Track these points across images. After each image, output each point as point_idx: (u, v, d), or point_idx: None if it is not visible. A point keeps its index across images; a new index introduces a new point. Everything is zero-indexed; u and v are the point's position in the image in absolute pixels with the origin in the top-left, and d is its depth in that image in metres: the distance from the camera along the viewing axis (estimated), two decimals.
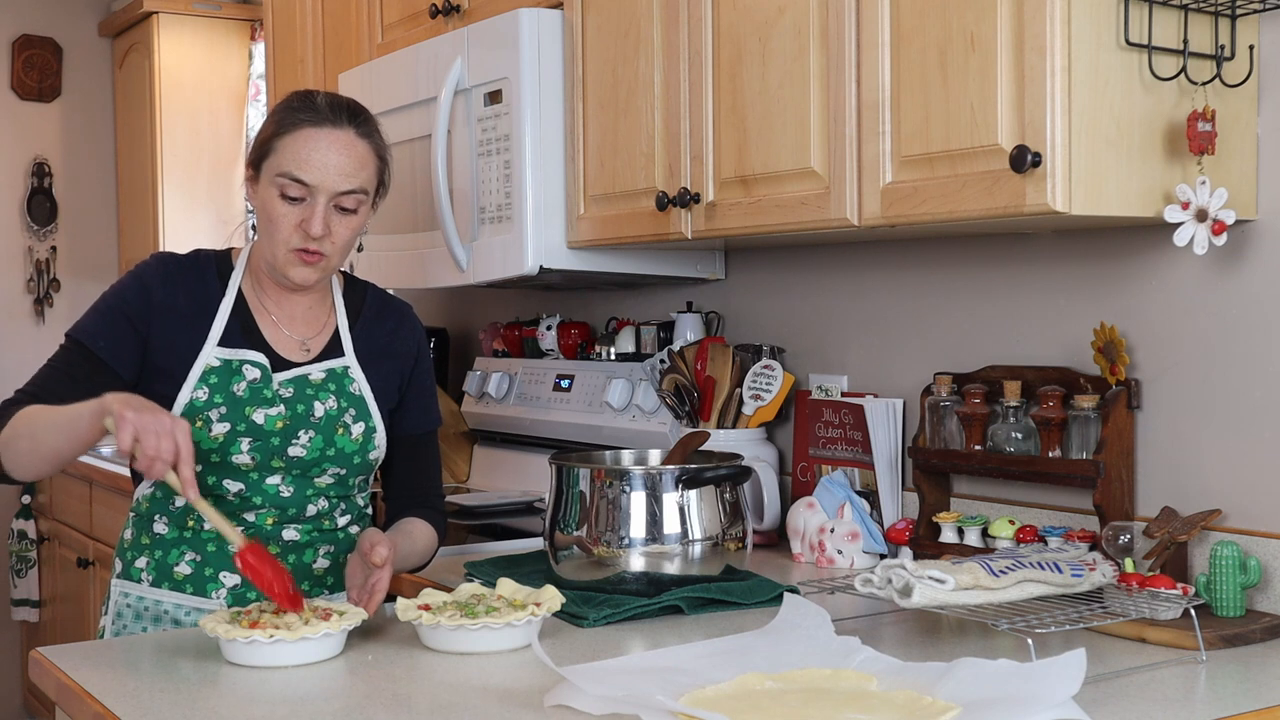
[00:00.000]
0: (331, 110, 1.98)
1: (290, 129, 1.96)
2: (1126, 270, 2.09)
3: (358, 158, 1.98)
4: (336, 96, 2.03)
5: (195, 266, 2.07)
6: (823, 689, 1.53)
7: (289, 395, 2.02)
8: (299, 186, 1.95)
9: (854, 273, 2.57)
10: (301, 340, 2.07)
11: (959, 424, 2.23)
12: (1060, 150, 1.73)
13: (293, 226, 1.96)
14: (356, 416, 2.06)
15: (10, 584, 4.97)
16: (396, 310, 2.19)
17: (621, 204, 2.51)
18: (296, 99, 2.01)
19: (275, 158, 1.96)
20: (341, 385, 2.06)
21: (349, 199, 1.98)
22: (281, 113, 1.99)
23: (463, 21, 2.97)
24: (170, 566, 2.03)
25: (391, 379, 2.13)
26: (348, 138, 1.98)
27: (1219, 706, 1.54)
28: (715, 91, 2.28)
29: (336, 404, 2.04)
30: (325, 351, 2.08)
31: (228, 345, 2.01)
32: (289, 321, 2.07)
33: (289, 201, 1.96)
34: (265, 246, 2.01)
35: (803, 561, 2.41)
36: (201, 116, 4.99)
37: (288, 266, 1.99)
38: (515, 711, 1.51)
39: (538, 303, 3.48)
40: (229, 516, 1.94)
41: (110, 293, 2.05)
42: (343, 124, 1.98)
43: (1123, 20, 1.78)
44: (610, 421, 2.96)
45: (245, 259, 2.08)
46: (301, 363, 2.05)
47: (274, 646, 1.69)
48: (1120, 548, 1.93)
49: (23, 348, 5.17)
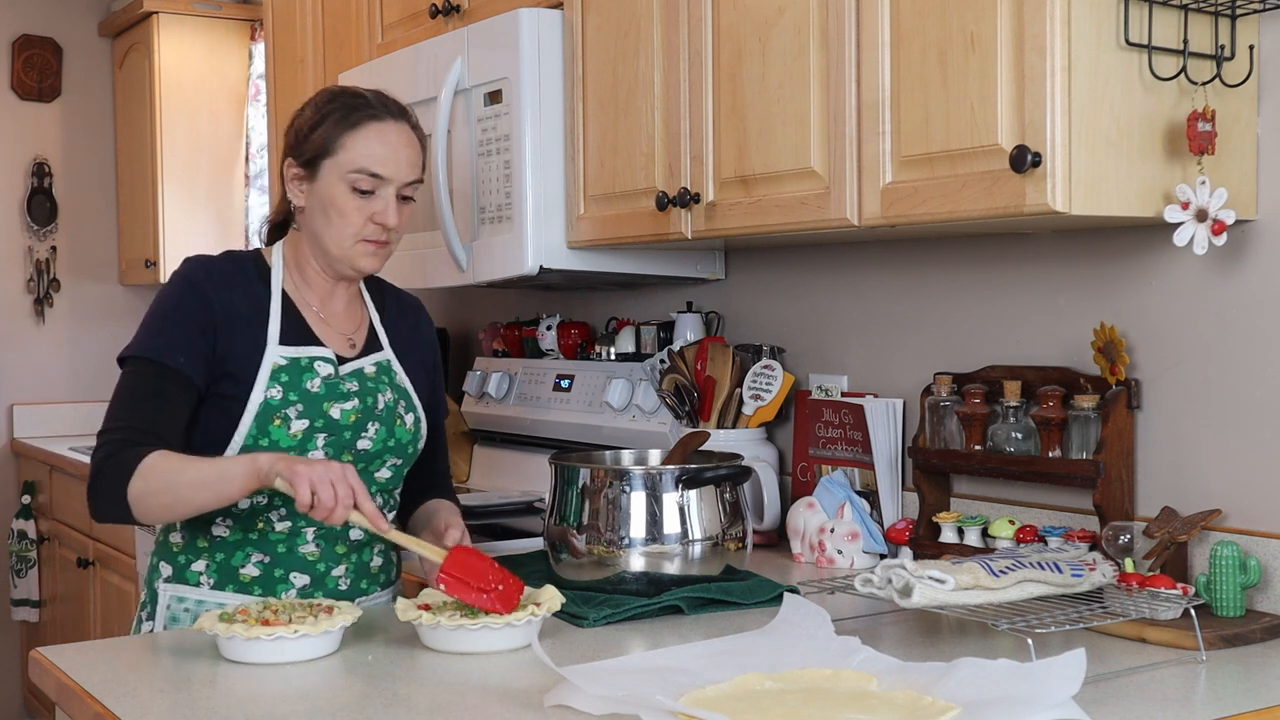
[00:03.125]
0: (386, 104, 2.05)
1: (355, 125, 2.00)
2: (1126, 270, 2.09)
3: (416, 149, 2.06)
4: (378, 91, 2.08)
5: (239, 268, 2.08)
6: (823, 689, 1.53)
7: (356, 389, 2.04)
8: (372, 180, 2.00)
9: (854, 273, 2.57)
10: (345, 334, 2.10)
11: (959, 424, 2.23)
12: (1060, 150, 1.73)
13: (364, 219, 2.01)
14: (407, 407, 2.11)
15: (10, 584, 4.97)
16: (412, 306, 2.25)
17: (621, 204, 2.51)
18: (346, 95, 2.05)
19: (344, 154, 1.99)
20: (391, 377, 2.11)
21: (410, 188, 2.05)
22: (337, 109, 2.02)
23: (463, 21, 2.97)
24: (235, 569, 2.02)
25: (421, 371, 2.18)
26: (408, 131, 2.05)
27: (1219, 706, 1.54)
28: (715, 91, 2.28)
29: (392, 395, 2.09)
30: (366, 345, 2.12)
31: (289, 343, 2.03)
32: (332, 317, 2.10)
33: (360, 195, 2.00)
34: (331, 239, 2.02)
35: (803, 561, 2.41)
36: (201, 116, 4.99)
37: (357, 257, 2.03)
38: (515, 711, 1.51)
39: (538, 303, 3.48)
40: (303, 516, 1.97)
41: (167, 306, 2.02)
42: (400, 118, 2.05)
43: (1123, 20, 1.78)
44: (610, 421, 2.96)
45: (282, 258, 2.10)
46: (352, 357, 2.09)
47: (275, 643, 1.69)
48: (1120, 548, 1.93)
49: (23, 348, 5.18)
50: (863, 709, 1.45)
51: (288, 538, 2.01)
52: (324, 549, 2.03)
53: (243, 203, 5.03)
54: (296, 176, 2.05)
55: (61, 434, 5.18)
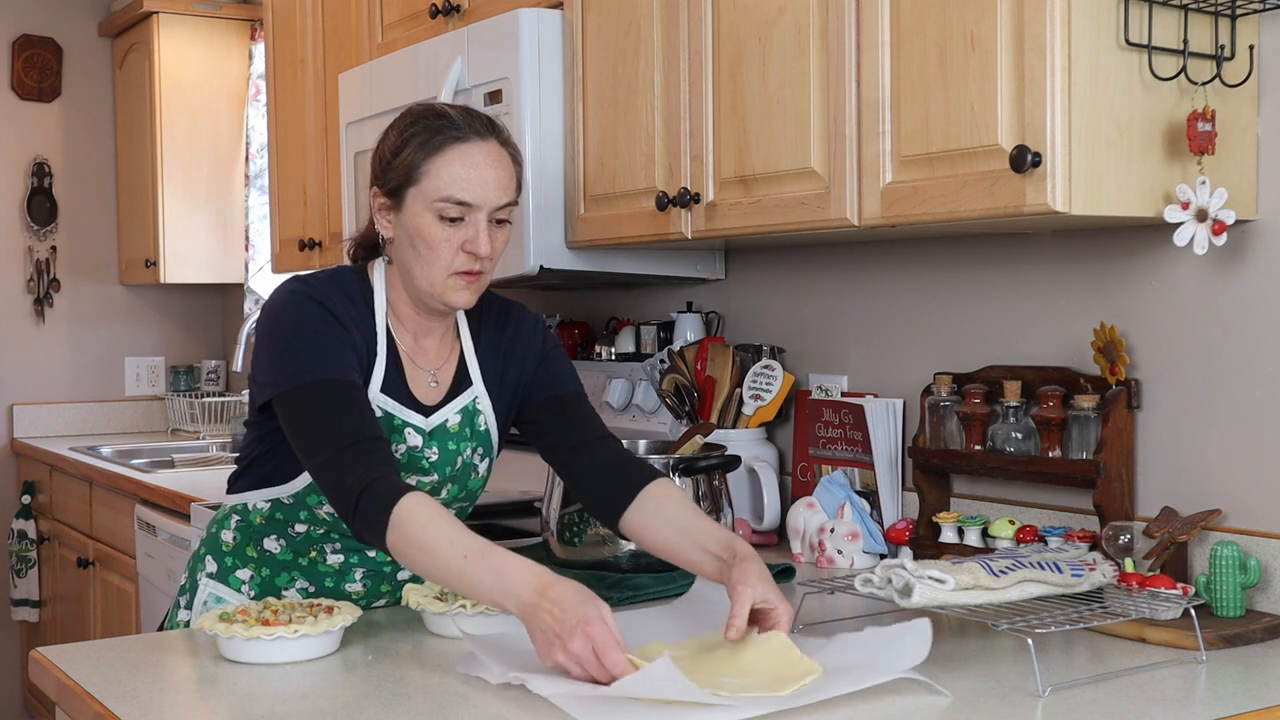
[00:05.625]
0: (471, 122, 1.88)
1: (438, 149, 1.85)
2: (1126, 270, 2.09)
3: (507, 168, 1.90)
4: (465, 108, 1.93)
5: (348, 296, 1.92)
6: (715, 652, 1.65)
7: (435, 458, 1.94)
8: (460, 207, 1.85)
9: (854, 273, 2.57)
10: (432, 373, 1.97)
11: (959, 424, 2.23)
12: (1060, 150, 1.73)
13: (455, 249, 1.86)
14: (484, 454, 2.01)
15: (10, 584, 4.97)
16: (512, 314, 2.08)
17: (621, 204, 2.51)
18: (428, 115, 1.89)
19: (429, 182, 1.85)
20: (473, 425, 1.98)
21: (504, 210, 1.89)
22: (419, 133, 1.87)
23: (463, 21, 2.97)
24: (278, 588, 1.99)
25: (513, 387, 2.03)
26: (496, 149, 1.89)
27: (1219, 706, 1.54)
28: (715, 91, 2.28)
29: (469, 450, 1.98)
30: (454, 384, 1.98)
31: (389, 393, 1.91)
32: (422, 355, 1.97)
33: (449, 224, 1.86)
34: (420, 274, 1.88)
35: (803, 561, 2.41)
36: (201, 116, 4.99)
37: (449, 292, 1.89)
38: (516, 711, 1.51)
39: (538, 303, 3.48)
40: (356, 552, 1.96)
41: (301, 326, 1.85)
42: (487, 135, 1.88)
43: (1123, 20, 1.78)
44: (610, 421, 2.96)
45: (384, 289, 1.95)
46: (435, 405, 1.95)
47: (275, 643, 1.69)
48: (1120, 548, 1.93)
49: (23, 348, 5.17)
50: (737, 672, 1.58)
51: (336, 572, 2.00)
52: (369, 588, 2.03)
53: (243, 203, 5.02)
54: (383, 207, 1.91)
55: (61, 434, 5.18)
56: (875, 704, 1.51)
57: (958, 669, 1.66)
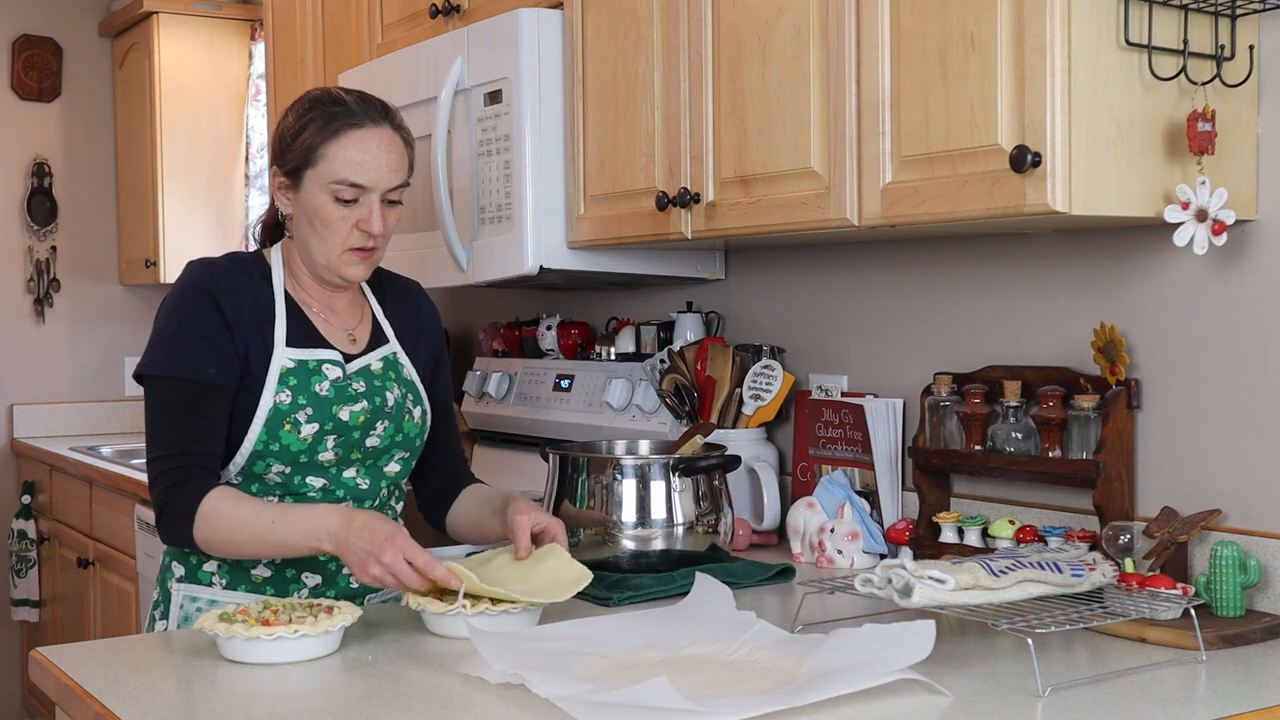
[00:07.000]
0: (366, 109, 2.00)
1: (334, 134, 1.98)
2: (1126, 270, 2.09)
3: (399, 152, 2.02)
4: (360, 93, 2.05)
5: (244, 270, 2.06)
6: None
7: (364, 389, 2.03)
8: (354, 189, 1.98)
9: (854, 273, 2.57)
10: (348, 332, 2.09)
11: (959, 424, 2.23)
12: (1060, 150, 1.73)
13: (350, 227, 1.99)
14: (415, 400, 2.11)
15: (10, 584, 4.97)
16: (411, 289, 2.23)
17: (621, 204, 2.51)
18: (324, 100, 2.01)
19: (325, 164, 1.98)
20: (398, 372, 2.10)
21: (396, 192, 2.02)
22: (316, 118, 1.99)
23: (463, 21, 2.97)
24: (246, 569, 2.03)
25: (426, 356, 2.18)
26: (389, 134, 2.01)
27: (1219, 706, 1.54)
28: (715, 91, 2.28)
29: (399, 391, 2.08)
30: (371, 340, 2.11)
31: (296, 345, 2.02)
32: (334, 315, 2.09)
33: (343, 204, 1.99)
34: (317, 249, 2.02)
35: (803, 561, 2.41)
36: (201, 116, 4.99)
37: (343, 266, 2.02)
38: (517, 710, 1.51)
39: (538, 303, 3.48)
40: None
41: (183, 316, 1.99)
42: (381, 121, 2.01)
43: (1123, 20, 1.78)
44: (610, 421, 2.96)
45: (281, 260, 2.08)
46: (357, 354, 2.08)
47: (275, 643, 1.69)
48: (1120, 548, 1.93)
49: (23, 348, 5.17)
50: (522, 579, 1.77)
51: None
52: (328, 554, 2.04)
53: (243, 203, 5.03)
54: (282, 185, 2.04)
55: (61, 434, 5.18)
56: (875, 704, 1.51)
57: (958, 669, 1.66)
